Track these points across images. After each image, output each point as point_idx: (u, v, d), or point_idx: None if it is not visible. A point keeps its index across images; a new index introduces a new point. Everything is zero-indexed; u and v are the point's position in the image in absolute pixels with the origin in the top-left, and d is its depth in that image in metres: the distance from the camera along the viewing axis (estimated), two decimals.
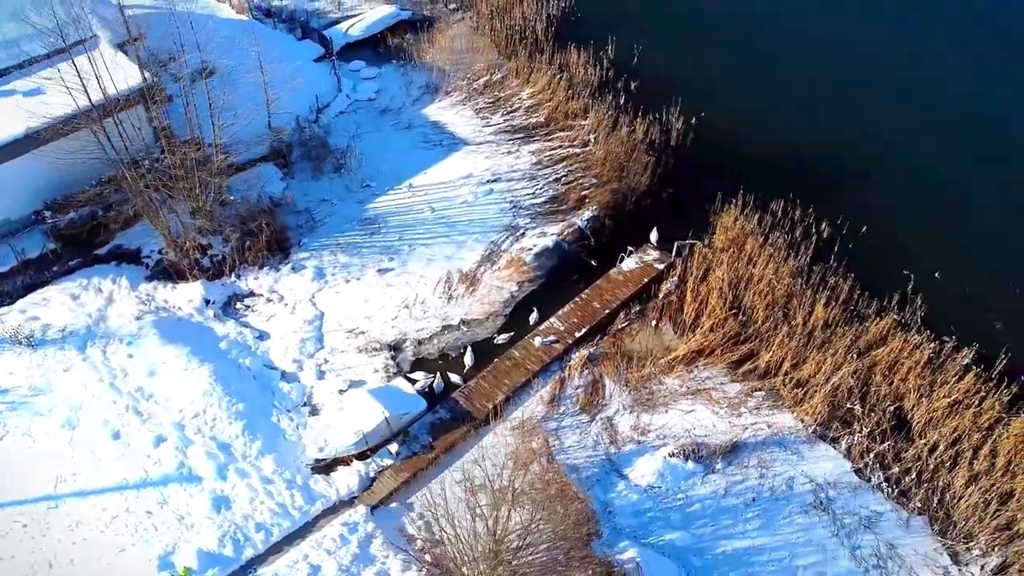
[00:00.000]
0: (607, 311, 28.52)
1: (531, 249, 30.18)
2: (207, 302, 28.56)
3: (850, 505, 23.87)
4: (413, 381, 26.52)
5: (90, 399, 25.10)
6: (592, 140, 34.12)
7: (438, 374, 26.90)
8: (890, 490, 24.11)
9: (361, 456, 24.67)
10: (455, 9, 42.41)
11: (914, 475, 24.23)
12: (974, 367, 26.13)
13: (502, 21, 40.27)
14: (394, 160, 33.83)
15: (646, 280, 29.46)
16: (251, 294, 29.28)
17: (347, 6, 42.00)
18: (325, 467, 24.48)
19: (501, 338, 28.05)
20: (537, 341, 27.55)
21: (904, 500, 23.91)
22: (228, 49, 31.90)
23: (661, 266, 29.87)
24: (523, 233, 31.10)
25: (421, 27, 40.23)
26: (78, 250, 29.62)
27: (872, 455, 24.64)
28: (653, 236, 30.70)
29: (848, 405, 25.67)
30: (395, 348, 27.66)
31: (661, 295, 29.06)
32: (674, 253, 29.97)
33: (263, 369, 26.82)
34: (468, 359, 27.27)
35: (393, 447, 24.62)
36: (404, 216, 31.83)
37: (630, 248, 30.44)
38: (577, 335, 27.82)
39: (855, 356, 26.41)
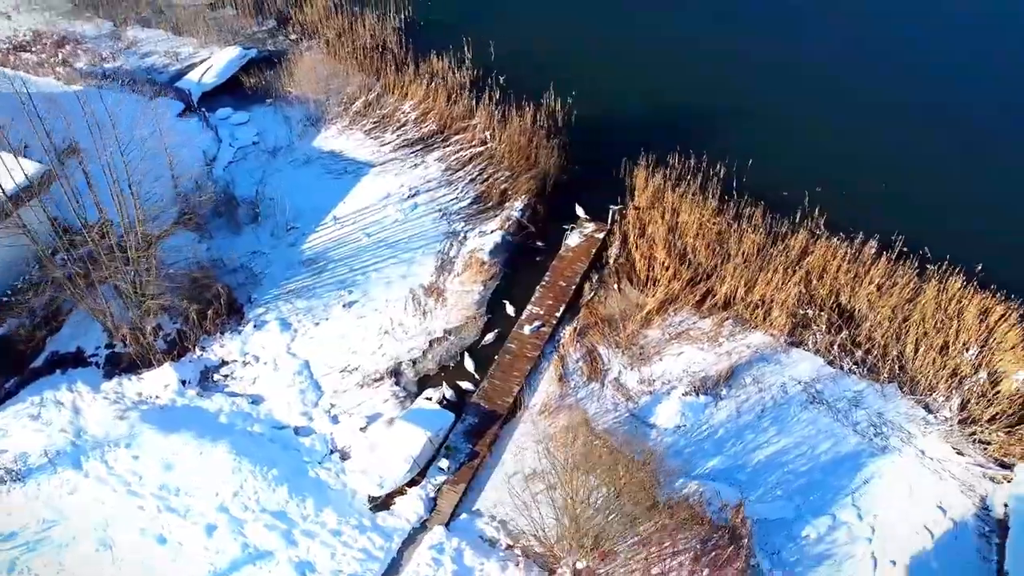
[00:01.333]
0: (573, 287, 30.40)
1: (482, 249, 31.30)
2: (183, 383, 27.06)
3: (836, 392, 27.59)
4: (428, 399, 26.96)
5: (114, 513, 23.27)
6: (489, 136, 35.57)
7: (444, 384, 27.53)
8: (861, 371, 28.13)
9: (411, 482, 24.92)
10: (297, 40, 41.80)
11: (874, 353, 28.44)
12: (883, 253, 30.68)
13: (353, 42, 40.38)
14: (308, 197, 33.36)
15: (594, 251, 31.62)
16: (223, 363, 28.07)
17: (184, 55, 40.15)
18: (383, 503, 24.52)
19: (488, 337, 29.07)
20: (526, 329, 28.89)
21: (874, 375, 28.02)
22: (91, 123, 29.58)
23: (601, 235, 32.15)
24: (464, 237, 32.11)
25: (275, 62, 39.39)
26: (9, 368, 26.85)
27: (836, 347, 28.57)
28: (579, 211, 32.87)
29: (802, 311, 29.44)
30: (395, 374, 27.86)
31: (612, 260, 31.37)
32: (609, 220, 32.35)
33: (274, 431, 26.07)
34: (469, 364, 28.09)
35: (443, 463, 25.10)
36: (342, 248, 31.68)
37: (569, 225, 32.44)
38: (557, 315, 29.48)
39: (792, 270, 30.27)
